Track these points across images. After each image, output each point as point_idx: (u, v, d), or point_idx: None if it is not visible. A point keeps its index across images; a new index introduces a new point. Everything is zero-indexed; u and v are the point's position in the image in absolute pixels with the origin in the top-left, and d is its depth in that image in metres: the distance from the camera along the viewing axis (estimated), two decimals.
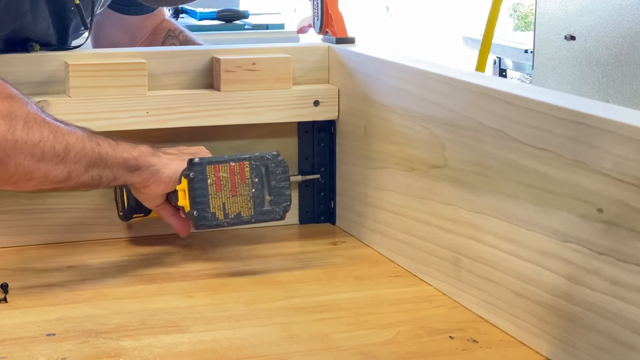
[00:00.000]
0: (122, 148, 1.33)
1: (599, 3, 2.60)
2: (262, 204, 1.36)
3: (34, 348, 1.12)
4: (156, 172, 1.35)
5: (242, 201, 1.35)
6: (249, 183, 1.36)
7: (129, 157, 1.33)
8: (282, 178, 1.37)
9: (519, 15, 6.56)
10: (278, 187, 1.37)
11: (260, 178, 1.36)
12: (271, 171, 1.37)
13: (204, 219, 1.34)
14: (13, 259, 1.44)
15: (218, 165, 1.34)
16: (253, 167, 1.36)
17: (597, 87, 2.62)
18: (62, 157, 1.27)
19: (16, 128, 1.24)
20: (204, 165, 1.34)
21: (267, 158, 1.37)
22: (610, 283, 0.99)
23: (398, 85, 1.39)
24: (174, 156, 1.38)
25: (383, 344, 1.14)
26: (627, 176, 0.96)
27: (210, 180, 1.34)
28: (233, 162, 1.35)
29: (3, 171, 1.24)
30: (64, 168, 1.28)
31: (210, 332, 1.17)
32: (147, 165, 1.35)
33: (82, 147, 1.29)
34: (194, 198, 1.33)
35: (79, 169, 1.29)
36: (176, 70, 1.54)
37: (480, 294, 1.21)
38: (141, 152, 1.35)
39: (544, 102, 1.09)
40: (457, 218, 1.25)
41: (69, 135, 1.29)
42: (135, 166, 1.34)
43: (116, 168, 1.32)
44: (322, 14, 1.64)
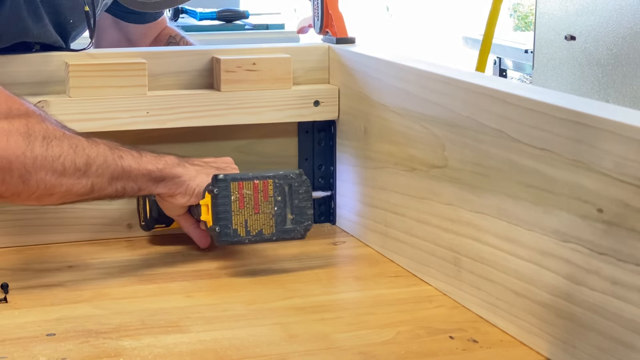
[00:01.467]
0: (146, 160, 1.34)
1: (599, 3, 2.60)
2: (284, 223, 1.37)
3: (34, 348, 1.12)
4: (182, 184, 1.36)
5: (265, 219, 1.36)
6: (272, 201, 1.36)
7: (154, 169, 1.34)
8: (305, 197, 1.37)
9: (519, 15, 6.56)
10: (300, 207, 1.37)
11: (283, 197, 1.36)
12: (294, 190, 1.37)
13: (226, 235, 1.35)
14: (13, 259, 1.44)
15: (242, 183, 1.35)
16: (277, 185, 1.36)
17: (597, 87, 2.62)
18: (84, 171, 1.28)
19: (35, 144, 1.24)
20: (228, 181, 1.34)
21: (291, 177, 1.37)
22: (610, 283, 0.99)
23: (398, 85, 1.39)
24: (200, 168, 1.38)
25: (383, 344, 1.14)
26: (627, 176, 0.96)
27: (234, 197, 1.34)
28: (257, 179, 1.35)
29: (25, 188, 1.25)
30: (86, 182, 1.29)
31: (210, 332, 1.17)
32: (173, 176, 1.35)
33: (104, 161, 1.30)
34: (217, 214, 1.34)
35: (102, 182, 1.30)
36: (176, 70, 1.54)
37: (480, 294, 1.21)
38: (166, 163, 1.35)
39: (544, 102, 1.09)
40: (457, 218, 1.25)
41: (90, 148, 1.29)
42: (160, 177, 1.35)
43: (140, 180, 1.33)
44: (322, 14, 1.64)
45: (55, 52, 1.53)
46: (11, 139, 1.23)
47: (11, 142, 1.23)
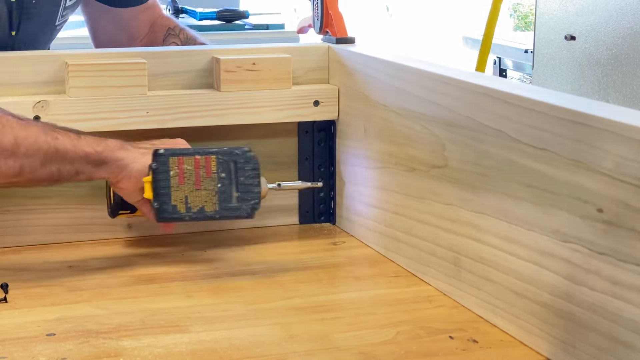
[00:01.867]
0: (85, 142, 1.31)
1: (599, 3, 2.60)
2: (228, 200, 1.33)
3: (34, 348, 1.12)
4: (125, 167, 1.33)
5: (207, 195, 1.33)
6: (215, 177, 1.33)
7: (91, 152, 1.31)
8: (252, 175, 1.34)
9: (519, 15, 6.56)
10: (246, 184, 1.34)
11: (228, 173, 1.33)
12: (240, 167, 1.34)
13: (164, 211, 1.32)
14: (13, 259, 1.44)
15: (182, 158, 1.32)
16: (220, 161, 1.33)
17: (597, 87, 2.62)
18: (12, 151, 1.26)
19: None
20: (167, 156, 1.32)
21: (236, 153, 1.34)
22: (610, 283, 0.99)
23: (398, 85, 1.39)
24: (145, 150, 1.35)
25: (383, 344, 1.14)
26: (627, 176, 0.96)
27: (173, 172, 1.31)
28: (199, 155, 1.33)
29: None
30: (14, 162, 1.26)
31: (210, 332, 1.17)
32: (114, 159, 1.33)
33: (34, 141, 1.27)
34: (156, 189, 1.31)
35: (34, 163, 1.28)
36: (176, 70, 1.54)
37: (480, 294, 1.21)
38: (107, 146, 1.33)
39: (544, 102, 1.09)
40: (457, 218, 1.25)
41: (20, 129, 1.27)
42: (99, 160, 1.32)
43: (77, 162, 1.30)
44: (322, 14, 1.64)
45: (56, 52, 1.53)
46: None
47: None
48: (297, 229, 1.60)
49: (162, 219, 1.33)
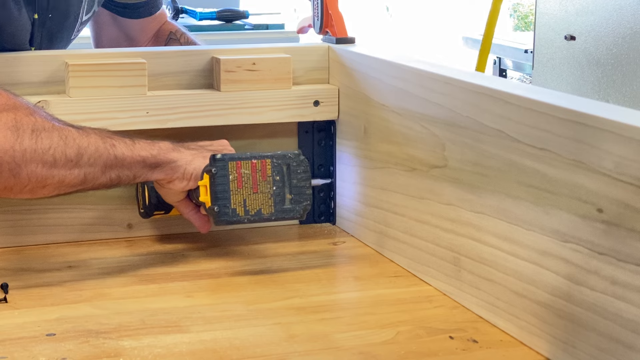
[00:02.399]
0: (139, 146, 1.34)
1: (599, 3, 2.60)
2: (282, 202, 1.37)
3: (34, 348, 1.12)
4: (178, 168, 1.35)
5: (263, 198, 1.36)
6: (270, 181, 1.36)
7: (148, 155, 1.34)
8: (304, 177, 1.37)
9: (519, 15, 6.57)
10: (299, 186, 1.37)
11: (282, 176, 1.36)
12: (292, 170, 1.37)
13: (224, 214, 1.34)
14: (13, 259, 1.44)
15: (240, 162, 1.35)
16: (275, 165, 1.36)
17: (597, 87, 2.62)
18: (76, 162, 1.28)
19: (24, 137, 1.25)
20: (226, 161, 1.34)
21: (289, 157, 1.37)
22: (610, 283, 0.99)
23: (398, 85, 1.39)
24: (196, 152, 1.38)
25: (383, 344, 1.14)
26: (627, 176, 0.96)
27: (232, 177, 1.34)
28: (255, 159, 1.36)
29: (17, 182, 1.25)
30: (79, 172, 1.29)
31: (210, 332, 1.17)
32: (168, 161, 1.35)
33: (95, 150, 1.29)
34: (215, 194, 1.34)
35: (95, 171, 1.30)
36: (176, 70, 1.54)
37: (480, 294, 1.21)
38: (160, 149, 1.35)
39: (544, 102, 1.09)
40: (457, 218, 1.25)
41: (81, 139, 1.29)
42: (155, 164, 1.34)
43: (135, 167, 1.33)
44: (322, 14, 1.64)
45: (56, 52, 1.53)
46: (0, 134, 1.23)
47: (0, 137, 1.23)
48: (297, 229, 1.60)
49: (222, 221, 1.35)
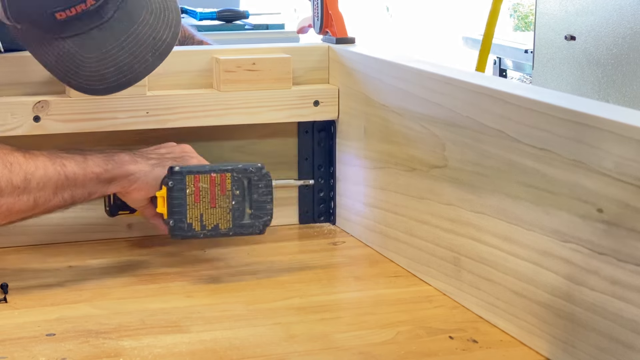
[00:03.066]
0: (92, 162, 1.32)
1: (599, 3, 2.60)
2: (241, 217, 1.35)
3: (34, 348, 1.12)
4: (136, 180, 1.34)
5: (221, 213, 1.34)
6: (229, 195, 1.34)
7: (101, 171, 1.32)
8: (265, 192, 1.35)
9: (519, 15, 6.57)
10: (259, 201, 1.35)
11: (242, 191, 1.34)
12: (254, 184, 1.35)
13: (179, 229, 1.33)
14: (13, 259, 1.44)
15: (199, 176, 1.33)
16: (235, 179, 1.34)
17: (597, 87, 2.62)
18: (24, 188, 1.27)
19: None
20: (184, 174, 1.32)
21: (251, 171, 1.35)
22: (610, 283, 0.99)
23: (398, 85, 1.39)
24: (155, 162, 1.36)
25: (383, 344, 1.14)
26: (627, 176, 0.96)
27: (189, 190, 1.32)
28: (214, 172, 1.33)
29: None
30: (27, 198, 1.28)
31: (210, 332, 1.17)
32: (125, 174, 1.34)
33: (44, 173, 1.28)
34: (172, 207, 1.32)
35: (46, 195, 1.29)
36: (176, 70, 1.54)
37: (480, 294, 1.21)
38: (115, 162, 1.33)
39: (544, 102, 1.08)
40: (457, 218, 1.25)
41: (27, 164, 1.28)
42: (110, 179, 1.33)
43: (89, 184, 1.32)
44: (322, 14, 1.64)
45: None
46: None
47: None
48: (296, 229, 1.60)
49: (176, 236, 1.34)
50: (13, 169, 1.27)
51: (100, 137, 1.42)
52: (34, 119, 1.41)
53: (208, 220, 1.34)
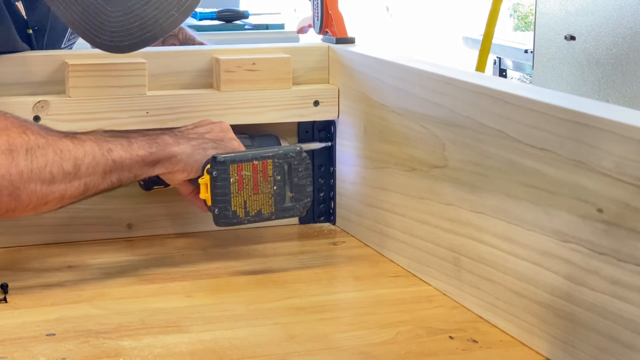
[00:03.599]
0: (137, 146, 1.34)
1: (599, 3, 2.60)
2: (283, 201, 1.37)
3: (34, 348, 1.12)
4: (179, 162, 1.36)
5: (264, 199, 1.36)
6: (271, 181, 1.36)
7: (146, 154, 1.34)
8: (304, 175, 1.37)
9: (519, 15, 6.57)
10: (299, 184, 1.37)
11: (283, 175, 1.36)
12: (294, 168, 1.37)
13: (224, 217, 1.35)
14: (13, 259, 1.44)
15: (242, 164, 1.34)
16: (276, 164, 1.36)
17: (597, 87, 2.62)
18: (74, 174, 1.28)
19: (19, 159, 1.25)
20: (227, 164, 1.34)
21: (291, 155, 1.37)
22: (610, 283, 0.99)
23: (398, 85, 1.39)
24: (196, 143, 1.38)
25: (383, 344, 1.14)
26: (627, 176, 0.96)
27: (233, 179, 1.34)
28: (257, 160, 1.35)
29: (18, 204, 1.26)
30: (78, 183, 1.29)
31: (210, 332, 1.17)
32: (168, 156, 1.35)
33: (92, 158, 1.30)
34: (216, 196, 1.34)
35: (96, 179, 1.30)
36: (176, 70, 1.54)
37: (480, 294, 1.21)
38: (159, 145, 1.35)
39: (544, 102, 1.09)
40: (457, 218, 1.25)
41: (76, 150, 1.29)
42: (154, 161, 1.35)
43: (134, 167, 1.33)
44: (322, 14, 1.64)
45: (55, 52, 1.53)
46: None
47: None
48: (296, 229, 1.60)
49: (222, 224, 1.35)
50: (64, 156, 1.28)
51: None
52: (34, 119, 1.41)
53: (251, 206, 1.35)
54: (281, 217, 1.39)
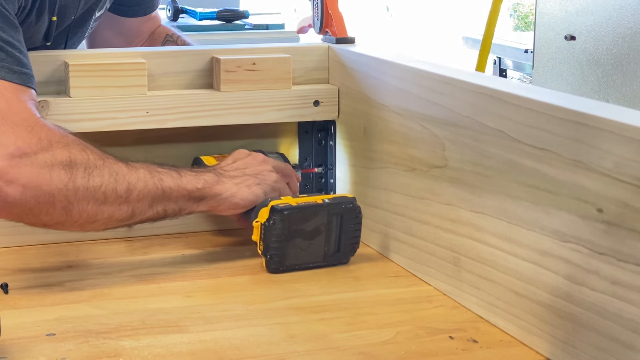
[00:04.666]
0: (186, 180, 1.35)
1: (599, 3, 2.60)
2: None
3: (34, 348, 1.12)
4: (223, 201, 1.38)
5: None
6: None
7: (193, 189, 1.35)
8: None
9: (519, 15, 6.57)
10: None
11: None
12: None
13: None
14: (13, 259, 1.44)
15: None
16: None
17: (597, 87, 2.62)
18: (125, 198, 1.30)
19: (77, 176, 1.27)
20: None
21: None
22: (610, 283, 0.99)
23: (398, 85, 1.39)
24: (239, 180, 1.39)
25: (383, 344, 1.14)
26: (627, 176, 0.96)
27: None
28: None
29: (68, 218, 1.28)
30: (127, 208, 1.31)
31: (210, 332, 1.17)
32: (213, 195, 1.37)
33: (144, 186, 1.31)
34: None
35: (143, 206, 1.32)
36: (176, 70, 1.54)
37: (480, 294, 1.21)
38: (205, 181, 1.37)
39: (544, 102, 1.09)
40: (457, 218, 1.25)
41: (130, 175, 1.31)
42: (200, 197, 1.36)
43: (181, 200, 1.35)
44: (322, 14, 1.64)
45: (55, 52, 1.53)
46: (54, 173, 1.26)
47: (54, 176, 1.26)
48: None
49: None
50: (118, 179, 1.30)
51: (100, 137, 1.42)
52: None
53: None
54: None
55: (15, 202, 1.25)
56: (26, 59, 1.34)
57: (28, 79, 1.33)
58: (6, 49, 1.31)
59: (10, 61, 1.31)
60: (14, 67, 1.31)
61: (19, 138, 1.26)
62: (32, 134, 1.27)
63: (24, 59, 1.33)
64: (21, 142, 1.26)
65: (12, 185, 1.24)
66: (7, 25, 1.32)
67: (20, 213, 1.27)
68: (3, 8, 1.32)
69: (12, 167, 1.24)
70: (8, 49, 1.31)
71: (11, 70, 1.31)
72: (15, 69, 1.31)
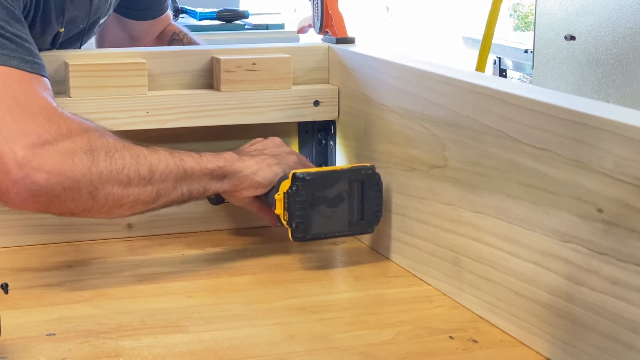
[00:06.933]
0: (206, 159, 1.36)
1: (599, 3, 2.60)
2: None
3: (34, 348, 1.12)
4: (245, 178, 1.38)
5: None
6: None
7: (214, 167, 1.36)
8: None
9: (519, 15, 6.57)
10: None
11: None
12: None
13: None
14: (13, 259, 1.44)
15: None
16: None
17: (597, 87, 2.62)
18: (149, 179, 1.30)
19: (99, 160, 1.27)
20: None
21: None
22: (610, 283, 0.99)
23: (398, 85, 1.39)
24: (258, 159, 1.40)
25: (383, 344, 1.14)
26: (627, 176, 0.96)
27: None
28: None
29: (94, 203, 1.28)
30: (152, 189, 1.31)
31: (210, 332, 1.17)
32: (234, 171, 1.37)
33: (166, 166, 1.32)
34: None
35: (167, 187, 1.32)
36: (176, 70, 1.54)
37: (480, 294, 1.21)
38: (226, 160, 1.37)
39: (544, 102, 1.09)
40: (457, 218, 1.25)
41: (151, 156, 1.31)
42: (222, 175, 1.36)
43: (203, 180, 1.35)
44: (322, 14, 1.64)
45: (55, 52, 1.53)
46: (76, 158, 1.26)
47: (76, 161, 1.26)
48: None
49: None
50: (140, 160, 1.30)
51: None
52: None
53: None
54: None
55: (41, 190, 1.25)
56: (36, 50, 1.34)
57: (40, 68, 1.33)
58: (16, 41, 1.31)
59: (21, 52, 1.31)
60: (26, 57, 1.31)
61: (40, 126, 1.26)
62: (51, 122, 1.27)
63: (35, 50, 1.34)
64: (42, 130, 1.26)
65: (37, 173, 1.24)
66: (14, 20, 1.32)
67: (46, 201, 1.26)
68: (9, 5, 1.32)
69: (34, 154, 1.24)
70: (18, 41, 1.31)
71: (23, 60, 1.31)
72: (27, 58, 1.31)
